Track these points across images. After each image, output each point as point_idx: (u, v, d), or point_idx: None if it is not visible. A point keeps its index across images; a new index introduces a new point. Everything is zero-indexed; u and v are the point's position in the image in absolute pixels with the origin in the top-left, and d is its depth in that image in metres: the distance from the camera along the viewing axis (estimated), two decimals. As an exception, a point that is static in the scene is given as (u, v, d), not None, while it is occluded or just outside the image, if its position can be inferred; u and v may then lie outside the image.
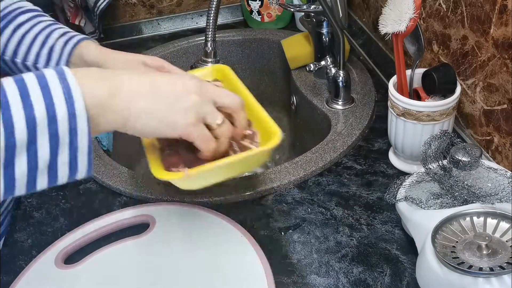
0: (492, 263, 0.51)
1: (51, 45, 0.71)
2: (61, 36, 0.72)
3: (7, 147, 0.43)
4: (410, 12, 0.68)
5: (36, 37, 0.71)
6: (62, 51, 0.71)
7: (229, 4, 1.32)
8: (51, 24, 0.74)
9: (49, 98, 0.45)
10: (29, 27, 0.72)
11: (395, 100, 0.73)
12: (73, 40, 0.71)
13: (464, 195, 0.60)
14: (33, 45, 0.71)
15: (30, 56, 0.71)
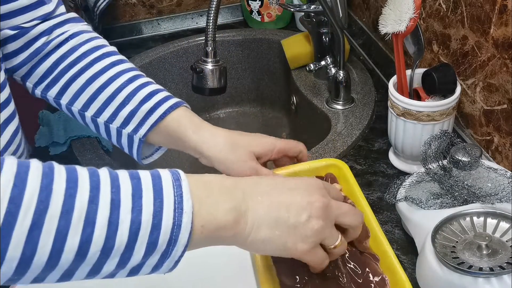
0: (492, 263, 0.51)
1: (132, 109, 0.64)
2: (147, 98, 0.65)
3: (104, 250, 0.40)
4: (410, 12, 0.68)
5: (115, 95, 0.65)
6: (145, 120, 0.64)
7: (229, 4, 1.32)
8: (134, 77, 0.66)
9: (160, 204, 0.42)
10: (106, 80, 0.65)
11: (395, 100, 0.73)
12: (161, 109, 0.64)
13: (464, 195, 0.60)
14: (110, 103, 0.65)
15: (104, 114, 0.65)
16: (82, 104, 0.66)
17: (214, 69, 0.86)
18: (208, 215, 0.45)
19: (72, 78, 0.66)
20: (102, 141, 0.92)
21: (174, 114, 0.65)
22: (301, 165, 0.75)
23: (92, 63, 0.67)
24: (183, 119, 0.65)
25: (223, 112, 1.31)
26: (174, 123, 0.64)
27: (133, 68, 0.69)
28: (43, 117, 0.95)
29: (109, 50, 0.70)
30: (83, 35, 0.70)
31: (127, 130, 0.65)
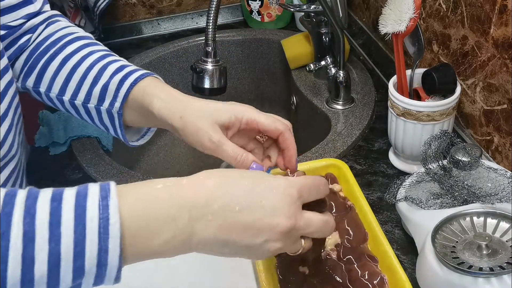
0: (492, 263, 0.51)
1: (104, 83, 0.62)
2: (116, 72, 0.63)
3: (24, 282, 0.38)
4: (410, 12, 0.68)
5: (87, 73, 0.63)
6: (117, 93, 0.62)
7: (229, 4, 1.32)
8: (104, 55, 0.65)
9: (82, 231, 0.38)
10: (78, 60, 0.64)
11: (395, 100, 0.73)
12: (131, 79, 0.62)
13: (464, 195, 0.60)
14: (84, 82, 0.63)
15: (79, 95, 0.64)
16: (58, 89, 0.65)
17: (214, 69, 0.86)
18: (141, 245, 0.41)
19: (45, 63, 0.65)
20: (102, 141, 0.91)
21: (143, 83, 0.61)
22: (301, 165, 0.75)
23: (64, 46, 0.66)
24: (150, 88, 0.61)
25: (223, 112, 1.31)
26: (141, 92, 0.61)
27: (106, 49, 0.68)
28: (43, 117, 0.95)
29: (83, 35, 0.69)
30: (59, 23, 0.70)
31: (104, 106, 0.63)
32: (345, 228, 0.65)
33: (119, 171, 0.83)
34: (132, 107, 0.62)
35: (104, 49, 0.68)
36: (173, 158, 1.22)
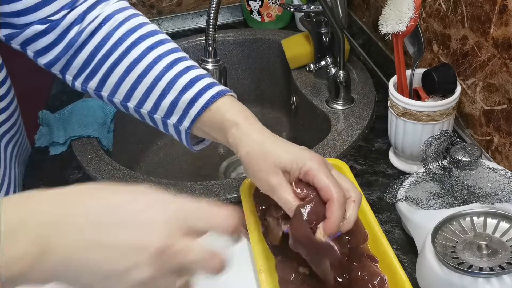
0: (492, 263, 0.51)
1: (172, 99, 0.61)
2: (186, 88, 0.60)
3: None
4: (410, 12, 0.68)
5: (155, 84, 0.61)
6: (187, 111, 0.60)
7: (229, 4, 1.32)
8: (172, 63, 0.62)
9: None
10: (144, 68, 0.61)
11: (395, 100, 0.73)
12: (202, 100, 0.59)
13: (464, 195, 0.60)
14: (151, 93, 0.61)
15: (146, 104, 0.62)
16: (123, 95, 0.63)
17: (214, 69, 0.86)
18: None
19: (109, 69, 0.63)
20: (102, 141, 0.92)
21: (216, 105, 0.60)
22: None
23: (128, 50, 0.63)
24: (228, 113, 0.59)
25: (223, 112, 1.31)
26: (218, 116, 0.59)
27: (173, 49, 0.64)
28: (43, 117, 0.95)
29: (146, 31, 0.64)
30: (116, 16, 0.65)
31: (171, 121, 0.62)
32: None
33: (119, 171, 0.83)
34: (202, 127, 0.61)
35: (171, 49, 0.64)
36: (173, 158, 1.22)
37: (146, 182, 0.80)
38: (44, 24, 0.62)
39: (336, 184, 0.53)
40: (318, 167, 0.53)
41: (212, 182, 0.79)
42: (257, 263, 0.61)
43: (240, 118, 0.59)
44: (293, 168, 0.54)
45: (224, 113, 0.59)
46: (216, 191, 0.77)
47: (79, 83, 0.66)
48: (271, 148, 0.56)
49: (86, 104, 0.97)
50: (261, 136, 0.58)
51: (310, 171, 0.53)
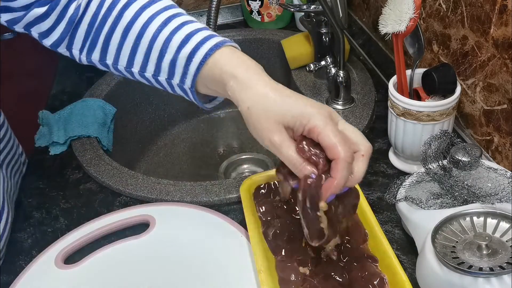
0: (492, 263, 0.51)
1: (171, 58, 0.58)
2: (182, 44, 0.58)
3: None
4: (410, 12, 0.68)
5: (152, 45, 0.59)
6: (186, 69, 0.58)
7: (229, 4, 1.32)
8: (166, 20, 0.59)
9: None
10: (139, 30, 0.59)
11: (395, 100, 0.73)
12: (199, 54, 0.57)
13: (464, 195, 0.60)
14: (150, 55, 0.59)
15: (148, 67, 0.60)
16: (125, 61, 0.61)
17: (214, 69, 0.86)
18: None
19: (107, 36, 0.61)
20: (102, 141, 0.92)
21: (214, 58, 0.57)
22: None
23: (121, 13, 0.60)
24: (226, 65, 0.56)
25: (223, 112, 1.31)
26: (216, 70, 0.56)
27: (167, 7, 0.61)
28: (43, 117, 0.95)
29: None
30: None
31: (175, 81, 0.60)
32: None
33: (119, 171, 0.83)
34: (205, 83, 0.58)
35: (164, 6, 0.61)
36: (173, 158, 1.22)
37: (146, 182, 0.80)
38: (43, 6, 0.60)
39: (342, 142, 0.50)
40: (323, 124, 0.51)
41: (212, 182, 0.79)
42: (257, 263, 0.61)
43: (239, 69, 0.56)
44: (296, 125, 0.52)
45: (222, 66, 0.56)
46: (216, 191, 0.77)
47: (84, 57, 0.64)
48: (272, 103, 0.53)
49: (86, 104, 0.97)
50: (262, 88, 0.55)
51: (315, 128, 0.51)
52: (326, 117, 0.52)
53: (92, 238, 0.71)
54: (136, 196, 0.79)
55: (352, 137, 0.53)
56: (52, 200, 0.80)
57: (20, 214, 0.79)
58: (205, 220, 0.72)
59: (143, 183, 0.80)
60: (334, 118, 0.53)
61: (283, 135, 0.52)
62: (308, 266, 0.62)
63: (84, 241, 0.71)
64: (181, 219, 0.72)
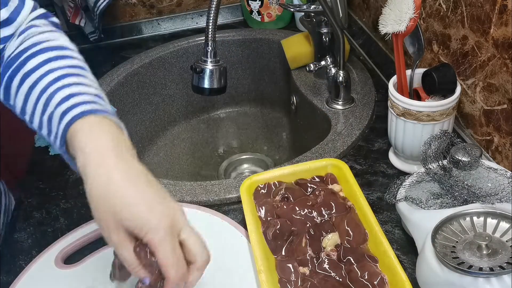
0: (492, 263, 0.51)
1: (49, 113, 0.55)
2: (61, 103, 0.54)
3: None
4: (410, 12, 0.68)
5: (39, 97, 0.56)
6: (58, 129, 0.54)
7: (229, 4, 1.32)
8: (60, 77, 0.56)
9: None
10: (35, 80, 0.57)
11: (395, 100, 0.73)
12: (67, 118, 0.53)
13: (464, 195, 0.60)
14: (36, 107, 0.56)
15: (34, 119, 0.57)
16: (20, 108, 0.58)
17: (214, 69, 0.86)
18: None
19: (8, 78, 0.59)
20: (102, 141, 0.91)
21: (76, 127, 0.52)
22: (301, 165, 0.75)
23: (26, 60, 0.58)
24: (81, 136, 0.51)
25: (223, 112, 1.31)
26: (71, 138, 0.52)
27: (69, 65, 0.58)
28: (43, 117, 0.94)
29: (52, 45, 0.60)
30: (32, 29, 0.62)
31: (51, 139, 0.56)
32: (345, 229, 0.65)
33: (119, 171, 0.83)
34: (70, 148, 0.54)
35: (68, 65, 0.59)
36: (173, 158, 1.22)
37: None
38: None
39: (175, 263, 0.49)
40: (159, 240, 0.48)
41: (212, 182, 0.79)
42: (257, 263, 0.61)
43: (90, 144, 0.51)
44: (134, 232, 0.49)
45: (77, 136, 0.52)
46: (216, 191, 0.77)
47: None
48: (114, 198, 0.49)
49: (86, 104, 0.97)
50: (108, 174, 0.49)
51: (151, 242, 0.48)
52: (165, 230, 0.48)
53: (92, 238, 0.71)
54: (136, 196, 0.78)
55: (192, 249, 0.50)
56: (52, 200, 0.80)
57: (20, 214, 0.79)
58: (205, 220, 0.72)
59: (143, 183, 0.80)
60: (175, 229, 0.50)
61: (120, 236, 0.49)
62: (308, 266, 0.62)
63: (84, 241, 0.71)
64: (181, 219, 0.72)
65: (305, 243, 0.64)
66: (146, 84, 1.17)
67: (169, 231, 0.49)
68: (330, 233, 0.65)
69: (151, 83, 1.17)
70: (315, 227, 0.66)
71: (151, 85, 1.18)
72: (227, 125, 1.31)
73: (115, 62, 1.17)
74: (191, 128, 1.28)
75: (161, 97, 1.21)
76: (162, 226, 0.48)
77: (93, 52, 1.24)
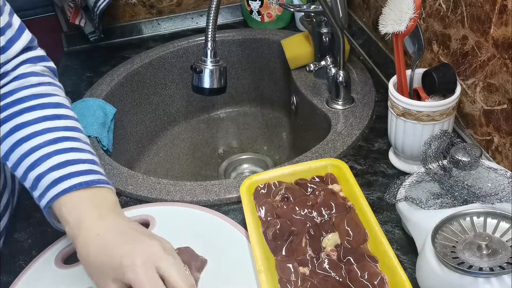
0: (492, 263, 0.51)
1: (40, 172, 0.58)
2: (56, 168, 0.58)
3: None
4: (410, 12, 0.68)
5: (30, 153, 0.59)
6: (44, 194, 0.58)
7: (229, 4, 1.32)
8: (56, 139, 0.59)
9: None
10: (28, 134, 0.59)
11: (395, 100, 0.73)
12: (55, 190, 0.57)
13: (464, 195, 0.60)
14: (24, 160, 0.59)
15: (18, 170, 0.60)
16: (3, 153, 0.61)
17: (214, 69, 0.86)
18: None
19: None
20: (102, 141, 0.92)
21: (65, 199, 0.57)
22: (301, 165, 0.75)
23: (22, 112, 0.60)
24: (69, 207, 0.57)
25: (223, 112, 1.31)
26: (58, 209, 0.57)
27: (68, 127, 0.62)
28: (43, 117, 0.95)
29: (51, 101, 0.63)
30: (30, 78, 0.64)
31: (35, 194, 0.60)
32: (345, 229, 0.65)
33: (119, 171, 0.83)
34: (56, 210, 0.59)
35: (65, 126, 0.62)
36: (173, 158, 1.22)
37: (146, 182, 0.80)
38: None
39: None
40: (136, 277, 0.51)
41: (212, 182, 0.79)
42: (257, 263, 0.61)
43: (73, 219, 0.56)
44: (119, 278, 0.53)
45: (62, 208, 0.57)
46: (216, 191, 0.77)
47: None
48: (94, 257, 0.55)
49: (86, 104, 0.97)
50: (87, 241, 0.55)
51: (130, 281, 0.52)
52: (141, 267, 0.52)
53: (92, 238, 0.71)
54: (136, 196, 0.79)
55: (172, 282, 0.53)
56: (52, 200, 0.80)
57: (20, 214, 0.79)
58: (205, 220, 0.72)
59: (143, 183, 0.80)
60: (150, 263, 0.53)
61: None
62: (308, 266, 0.62)
63: (84, 241, 0.71)
64: (181, 219, 0.72)
65: (305, 243, 0.64)
66: (146, 84, 1.17)
67: (145, 264, 0.52)
68: (330, 233, 0.65)
69: (151, 83, 1.17)
70: (315, 227, 0.66)
71: (151, 85, 1.18)
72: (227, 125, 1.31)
73: (115, 62, 1.18)
74: (191, 128, 1.28)
75: (161, 97, 1.21)
76: (138, 262, 0.52)
77: (93, 52, 1.24)
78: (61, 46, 1.27)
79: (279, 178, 0.74)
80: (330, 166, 0.74)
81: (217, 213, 0.73)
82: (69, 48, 1.27)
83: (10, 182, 0.81)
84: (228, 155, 1.26)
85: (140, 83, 1.15)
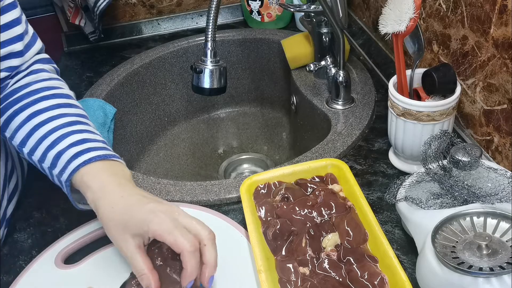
0: (492, 263, 0.51)
1: (59, 150, 0.63)
2: (75, 144, 0.63)
3: None
4: (410, 12, 0.68)
5: (48, 134, 0.64)
6: (65, 168, 0.62)
7: (229, 4, 1.32)
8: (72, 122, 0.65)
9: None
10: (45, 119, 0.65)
11: (395, 100, 0.73)
12: (76, 162, 0.62)
13: (464, 195, 0.60)
14: (42, 142, 0.64)
15: (36, 152, 0.64)
16: (20, 140, 0.65)
17: (214, 69, 0.86)
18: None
19: (14, 113, 0.66)
20: (102, 141, 0.92)
21: (85, 169, 0.61)
22: (301, 165, 0.75)
23: (37, 101, 0.66)
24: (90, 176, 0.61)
25: (223, 112, 1.31)
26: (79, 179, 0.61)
27: (78, 114, 0.67)
28: (43, 117, 0.94)
29: (62, 92, 0.69)
30: (41, 73, 0.70)
31: (55, 172, 0.63)
32: (345, 229, 0.65)
33: (119, 171, 0.83)
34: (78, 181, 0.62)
35: (77, 113, 0.67)
36: (173, 158, 1.22)
37: (146, 182, 0.80)
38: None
39: (182, 235, 0.55)
40: (160, 227, 0.55)
41: (212, 182, 0.79)
42: (257, 263, 0.61)
43: (96, 184, 0.60)
44: (140, 233, 0.57)
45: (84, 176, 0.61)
46: (216, 191, 0.77)
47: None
48: (118, 213, 0.58)
49: (86, 104, 0.97)
50: (113, 199, 0.59)
51: (156, 233, 0.55)
52: (163, 220, 0.56)
53: (92, 238, 0.71)
54: (136, 196, 0.78)
55: (192, 229, 0.56)
56: (52, 200, 0.80)
57: (20, 214, 0.79)
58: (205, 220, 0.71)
59: (143, 183, 0.80)
60: (174, 216, 0.57)
61: (130, 246, 0.57)
62: (308, 266, 0.62)
63: (84, 241, 0.71)
64: (181, 219, 0.72)
65: (305, 243, 0.64)
66: (146, 84, 1.17)
67: (167, 216, 0.56)
68: (330, 233, 0.65)
69: (151, 83, 1.17)
70: (315, 227, 0.66)
71: (151, 85, 1.18)
72: (227, 125, 1.31)
73: (115, 62, 1.18)
74: (191, 128, 1.28)
75: (161, 97, 1.21)
76: (160, 215, 0.56)
77: (93, 52, 1.24)
78: (61, 46, 1.27)
79: (279, 178, 0.74)
80: (330, 166, 0.74)
81: (217, 213, 0.73)
82: (69, 48, 1.27)
83: (19, 167, 0.82)
84: (228, 155, 1.27)
85: (140, 83, 1.15)
